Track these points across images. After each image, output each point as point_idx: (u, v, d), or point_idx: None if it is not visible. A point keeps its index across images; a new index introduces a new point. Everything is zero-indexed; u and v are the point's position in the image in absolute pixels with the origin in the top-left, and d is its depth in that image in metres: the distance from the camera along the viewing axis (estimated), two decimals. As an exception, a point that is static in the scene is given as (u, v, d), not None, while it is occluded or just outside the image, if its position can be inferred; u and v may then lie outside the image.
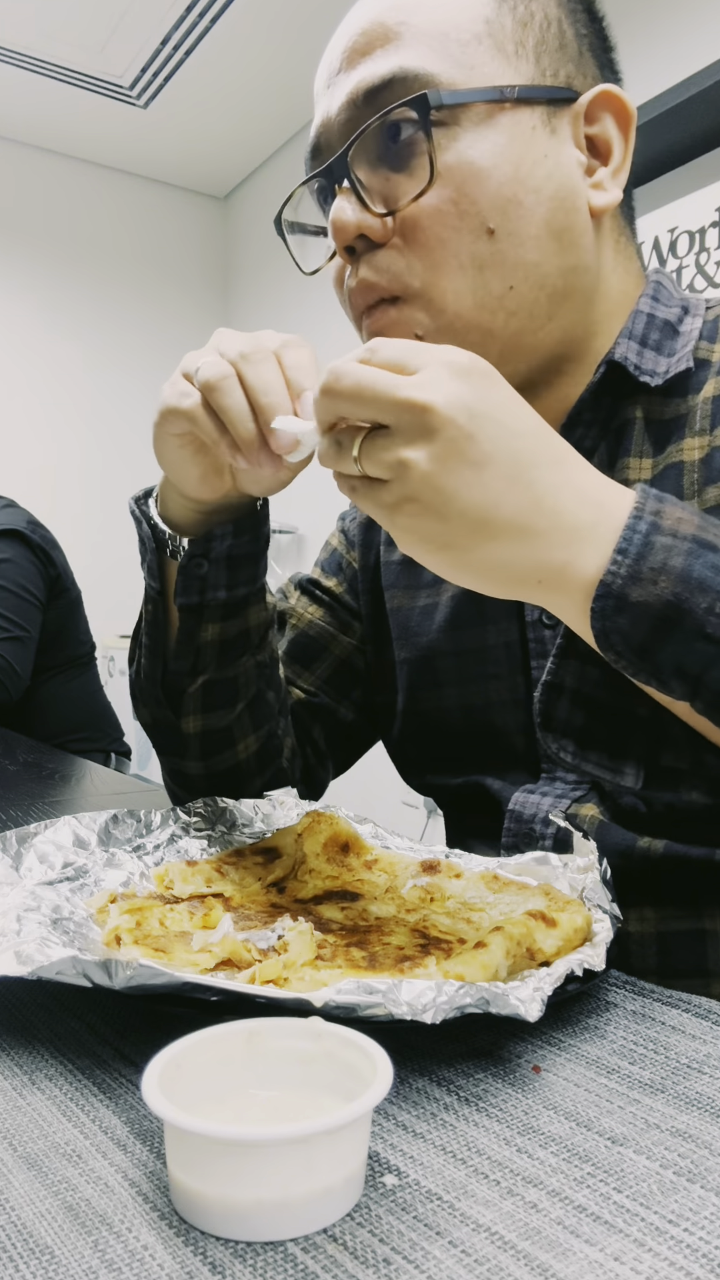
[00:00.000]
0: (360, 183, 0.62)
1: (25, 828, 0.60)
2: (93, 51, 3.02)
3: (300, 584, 0.89)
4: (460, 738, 0.74)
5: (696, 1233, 0.29)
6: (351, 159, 0.61)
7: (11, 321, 3.64)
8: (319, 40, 2.80)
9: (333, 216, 0.61)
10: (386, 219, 0.61)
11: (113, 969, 0.38)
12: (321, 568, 0.89)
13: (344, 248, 0.63)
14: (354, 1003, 0.37)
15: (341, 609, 0.86)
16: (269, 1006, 0.37)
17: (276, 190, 3.75)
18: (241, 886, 0.59)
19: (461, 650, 0.73)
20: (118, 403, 3.85)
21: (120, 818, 0.65)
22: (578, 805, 0.64)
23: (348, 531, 0.88)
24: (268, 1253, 0.28)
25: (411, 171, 0.61)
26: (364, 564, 0.85)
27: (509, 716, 0.70)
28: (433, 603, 0.76)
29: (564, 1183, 0.31)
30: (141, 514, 0.70)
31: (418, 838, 2.64)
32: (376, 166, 0.62)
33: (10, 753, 1.27)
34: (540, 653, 0.67)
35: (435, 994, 0.37)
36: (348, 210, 0.61)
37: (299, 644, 0.85)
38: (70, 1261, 0.27)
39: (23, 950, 0.41)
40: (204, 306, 4.09)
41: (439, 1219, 0.29)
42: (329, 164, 0.63)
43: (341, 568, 0.87)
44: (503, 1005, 0.37)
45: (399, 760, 0.83)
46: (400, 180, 0.61)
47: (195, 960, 0.46)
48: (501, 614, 0.70)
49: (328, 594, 0.86)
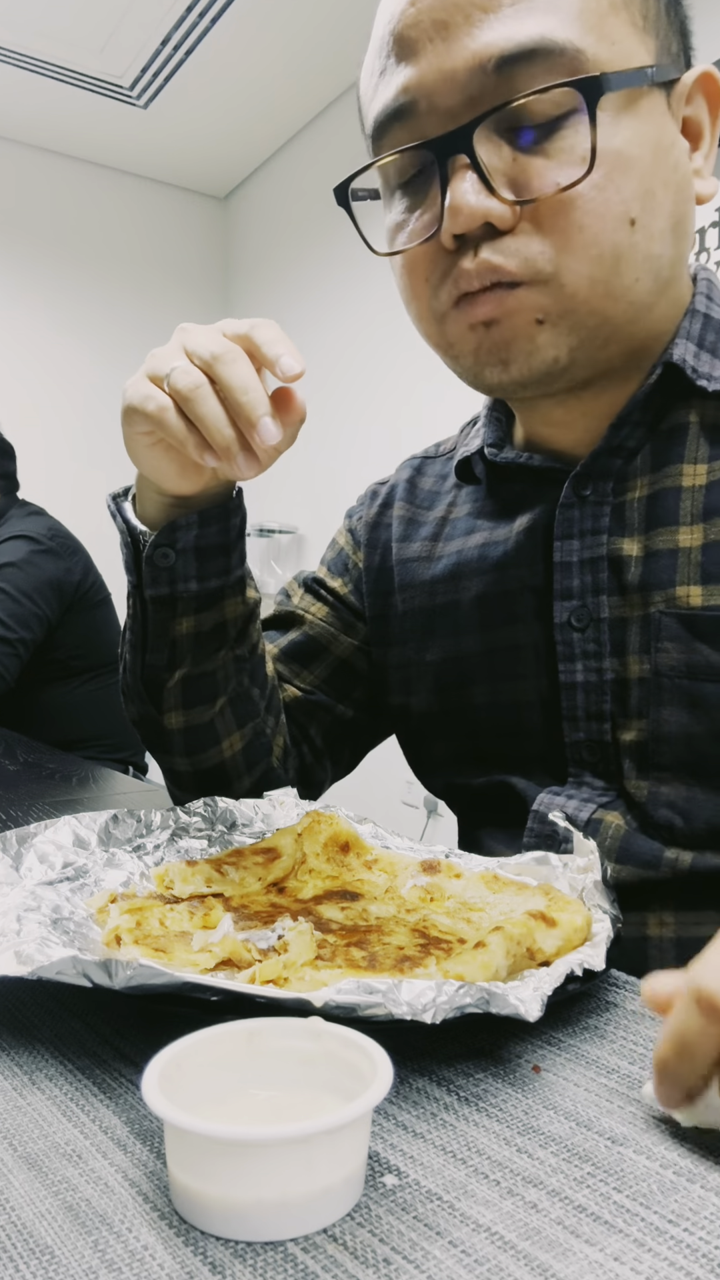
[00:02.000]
0: (483, 162, 0.55)
1: (25, 828, 0.60)
2: (93, 51, 3.02)
3: (305, 582, 0.88)
4: (487, 737, 0.73)
5: (696, 1233, 0.29)
6: (475, 134, 0.55)
7: (11, 321, 3.64)
8: (319, 40, 2.80)
9: (454, 200, 0.56)
10: (516, 208, 0.56)
11: (113, 969, 0.38)
12: (328, 567, 0.88)
13: (456, 234, 0.57)
14: (354, 1003, 0.37)
15: (345, 609, 0.85)
16: (269, 1006, 0.37)
17: (276, 190, 3.75)
18: (241, 886, 0.59)
19: (493, 649, 0.71)
20: (117, 403, 3.85)
21: (120, 818, 0.65)
22: (603, 811, 0.63)
23: (355, 531, 0.87)
24: (268, 1253, 0.28)
25: (551, 155, 0.55)
26: (369, 564, 0.83)
27: (536, 717, 0.69)
28: (453, 601, 0.74)
29: (564, 1183, 0.31)
30: (116, 509, 0.69)
31: (418, 838, 2.64)
32: (500, 144, 0.56)
33: (10, 753, 1.27)
34: (568, 656, 0.66)
35: (435, 994, 0.37)
36: (471, 195, 0.55)
37: (299, 643, 0.84)
38: (70, 1261, 0.27)
39: (23, 950, 0.41)
40: (204, 306, 4.09)
41: (439, 1219, 0.29)
42: (448, 135, 0.56)
43: (347, 568, 0.86)
44: (502, 1005, 0.37)
45: (417, 762, 0.82)
46: (535, 163, 0.56)
47: (195, 960, 0.46)
48: (530, 615, 0.69)
49: (332, 594, 0.85)
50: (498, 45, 0.54)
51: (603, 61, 0.55)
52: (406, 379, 3.03)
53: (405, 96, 0.58)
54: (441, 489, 0.81)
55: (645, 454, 0.64)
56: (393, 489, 0.85)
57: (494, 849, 0.71)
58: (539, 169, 0.56)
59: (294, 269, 3.62)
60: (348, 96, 3.27)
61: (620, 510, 0.64)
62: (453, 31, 0.55)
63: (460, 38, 0.55)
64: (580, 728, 0.65)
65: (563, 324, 0.58)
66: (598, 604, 0.64)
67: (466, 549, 0.74)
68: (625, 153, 0.56)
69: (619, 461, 0.65)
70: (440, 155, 0.56)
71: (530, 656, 0.69)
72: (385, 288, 3.11)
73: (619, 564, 0.64)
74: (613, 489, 0.65)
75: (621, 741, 0.63)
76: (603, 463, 0.64)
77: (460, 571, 0.74)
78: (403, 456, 1.01)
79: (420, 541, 0.79)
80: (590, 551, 0.65)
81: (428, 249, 0.60)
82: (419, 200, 0.61)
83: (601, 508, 0.65)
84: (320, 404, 3.46)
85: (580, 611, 0.65)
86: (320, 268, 3.45)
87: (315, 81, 3.22)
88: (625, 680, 0.63)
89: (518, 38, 0.54)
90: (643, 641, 0.62)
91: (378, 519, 0.85)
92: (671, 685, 0.60)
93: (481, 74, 0.55)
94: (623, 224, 0.57)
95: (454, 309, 0.61)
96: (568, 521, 0.65)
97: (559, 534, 0.66)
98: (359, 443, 3.26)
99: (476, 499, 0.76)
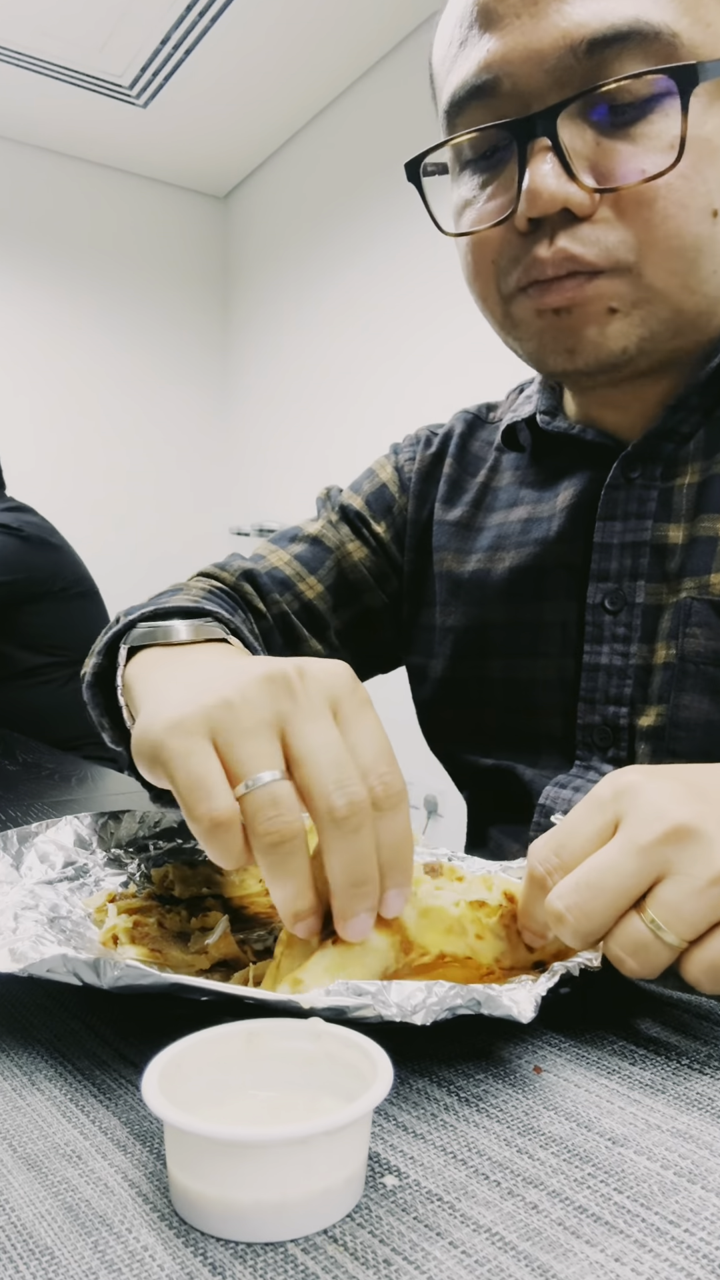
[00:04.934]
0: (565, 146, 0.53)
1: (27, 827, 0.60)
2: (92, 51, 3.01)
3: (345, 511, 0.83)
4: (497, 711, 0.72)
5: (697, 1233, 0.28)
6: (559, 117, 0.53)
7: (11, 321, 3.64)
8: (319, 40, 2.80)
9: (533, 183, 0.54)
10: (596, 196, 0.54)
11: (101, 968, 0.38)
12: (367, 502, 0.83)
13: (531, 218, 0.55)
14: (343, 1005, 0.36)
15: (384, 559, 0.82)
16: (269, 1007, 0.37)
17: (276, 190, 3.74)
18: (242, 888, 0.59)
19: (516, 623, 0.70)
20: (117, 403, 3.85)
21: (122, 818, 0.65)
22: None
23: (402, 471, 0.83)
24: (268, 1253, 0.28)
25: (637, 141, 0.54)
26: (416, 518, 0.81)
27: (552, 696, 0.68)
28: (484, 569, 0.73)
29: (564, 1183, 0.31)
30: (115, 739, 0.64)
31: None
32: (584, 128, 0.54)
33: (10, 753, 1.27)
34: (596, 637, 0.64)
35: (425, 995, 0.37)
36: (551, 179, 0.53)
37: (341, 582, 0.80)
38: (70, 1262, 0.27)
39: (17, 948, 0.41)
40: (203, 306, 4.09)
41: (439, 1220, 0.29)
42: (532, 117, 0.54)
43: (391, 511, 0.82)
44: (494, 1006, 0.37)
45: (428, 725, 0.80)
46: (620, 149, 0.54)
47: (192, 961, 0.46)
48: (561, 592, 0.68)
49: (375, 538, 0.82)
50: (590, 25, 0.52)
51: (697, 45, 0.53)
52: (407, 379, 3.03)
53: (487, 74, 0.55)
54: (486, 455, 0.80)
55: (699, 440, 0.63)
56: (446, 440, 0.83)
57: (502, 844, 0.71)
58: (623, 155, 0.54)
59: (294, 269, 3.61)
60: (347, 97, 3.27)
61: (668, 496, 0.63)
62: (541, 7, 0.53)
63: (550, 14, 0.53)
64: (596, 711, 0.65)
65: (636, 314, 0.57)
66: (634, 588, 0.63)
67: (508, 523, 0.73)
68: (713, 141, 0.54)
69: (671, 446, 0.64)
70: (521, 138, 0.54)
71: (556, 635, 0.68)
72: (386, 288, 3.11)
73: (662, 551, 0.63)
74: (661, 474, 0.64)
75: (638, 726, 0.63)
76: (654, 446, 0.64)
77: (500, 544, 0.73)
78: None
79: (463, 507, 0.78)
80: (632, 535, 0.64)
81: (499, 230, 0.58)
82: (492, 179, 0.59)
83: (648, 491, 0.64)
84: (320, 404, 3.46)
85: (615, 595, 0.64)
86: (320, 267, 3.45)
87: (315, 81, 3.21)
88: (650, 666, 0.62)
89: (610, 18, 0.51)
90: (673, 627, 0.61)
91: (429, 470, 0.82)
92: (696, 671, 0.60)
93: (571, 55, 0.53)
94: (706, 215, 0.55)
95: (522, 293, 0.59)
96: (612, 503, 0.65)
97: (602, 514, 0.65)
98: (359, 443, 3.26)
99: (519, 467, 0.75)
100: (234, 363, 4.05)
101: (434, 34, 0.63)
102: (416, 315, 2.97)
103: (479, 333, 0.79)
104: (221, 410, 4.11)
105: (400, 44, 2.99)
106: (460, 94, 0.58)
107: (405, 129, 2.94)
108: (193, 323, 4.05)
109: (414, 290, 2.97)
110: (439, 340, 2.87)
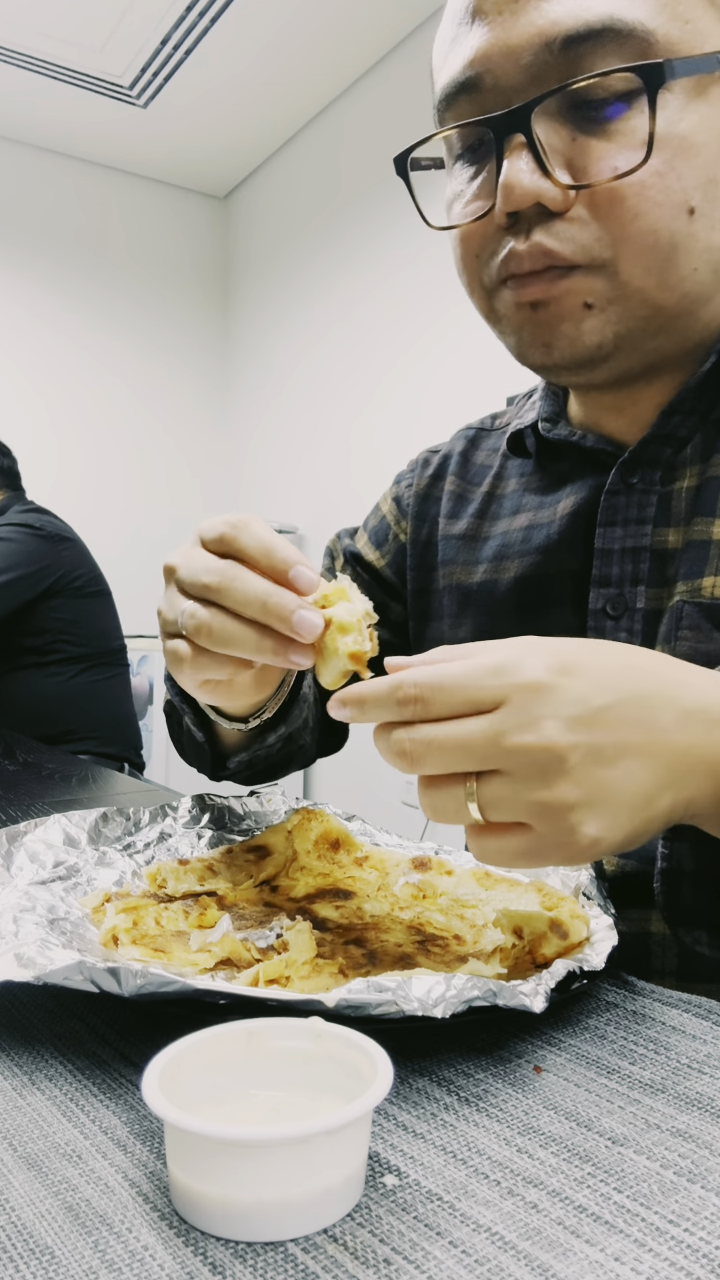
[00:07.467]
0: (540, 142, 0.54)
1: (15, 826, 0.60)
2: (92, 51, 3.01)
3: (347, 554, 0.87)
4: None
5: (697, 1233, 0.28)
6: (535, 113, 0.53)
7: (10, 322, 3.64)
8: (319, 40, 2.80)
9: (507, 179, 0.54)
10: (570, 192, 0.55)
11: (122, 977, 0.38)
12: (369, 536, 0.87)
13: (509, 212, 0.56)
14: (365, 1001, 0.37)
15: (379, 588, 0.84)
16: (270, 1006, 0.37)
17: (276, 190, 3.74)
18: (234, 884, 0.59)
19: (524, 631, 0.70)
20: (116, 403, 3.85)
21: (109, 816, 0.65)
22: None
23: (401, 499, 0.85)
24: (268, 1253, 0.28)
25: (611, 138, 0.54)
26: (415, 538, 0.82)
27: None
28: (492, 579, 0.74)
29: (564, 1183, 0.31)
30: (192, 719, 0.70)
31: (418, 838, 2.63)
32: (560, 124, 0.55)
33: (10, 753, 1.27)
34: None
35: (445, 988, 0.38)
36: (525, 175, 0.54)
37: None
38: (70, 1262, 0.27)
39: (23, 953, 0.41)
40: (203, 306, 4.09)
41: (439, 1219, 0.29)
42: (506, 113, 0.54)
43: (388, 539, 0.85)
44: (510, 998, 0.38)
45: None
46: (594, 146, 0.54)
47: (194, 960, 0.46)
48: (564, 599, 0.69)
49: (368, 570, 0.85)
50: (565, 23, 0.53)
51: (674, 42, 0.53)
52: (407, 378, 3.03)
53: (471, 70, 0.57)
54: (492, 463, 0.81)
55: (696, 443, 0.63)
56: (445, 459, 0.84)
57: None
58: (598, 152, 0.54)
59: (294, 268, 3.62)
60: (347, 97, 3.27)
61: (667, 500, 0.64)
62: (521, 4, 0.54)
63: (529, 11, 0.54)
64: None
65: (611, 310, 0.58)
66: (635, 593, 0.64)
67: (511, 531, 0.74)
68: (690, 139, 0.54)
69: (669, 450, 0.64)
70: (499, 133, 0.55)
71: None
72: (386, 288, 3.11)
73: (662, 555, 0.63)
74: (660, 478, 0.64)
75: None
76: (652, 450, 0.64)
77: (504, 554, 0.73)
78: (405, 456, 1.01)
79: (467, 519, 0.79)
80: (632, 540, 0.64)
81: (481, 224, 0.60)
82: (478, 173, 0.60)
83: (648, 496, 0.64)
84: (321, 404, 3.46)
85: (616, 600, 0.64)
86: (320, 267, 3.45)
87: (315, 82, 3.22)
88: None
89: (585, 16, 0.52)
90: (668, 631, 0.62)
91: (428, 490, 0.83)
92: None
93: (546, 52, 0.53)
94: (681, 212, 0.55)
95: (503, 286, 0.60)
96: (612, 509, 0.65)
97: (602, 520, 0.65)
98: (359, 443, 3.26)
99: (524, 473, 0.76)
100: (234, 362, 4.06)
101: (436, 32, 0.64)
102: (417, 315, 2.97)
103: (479, 333, 0.80)
104: (222, 410, 4.11)
105: (400, 44, 3.00)
106: (449, 90, 0.59)
107: (405, 129, 2.94)
108: (192, 322, 4.05)
109: (414, 290, 2.98)
110: (439, 340, 2.87)
